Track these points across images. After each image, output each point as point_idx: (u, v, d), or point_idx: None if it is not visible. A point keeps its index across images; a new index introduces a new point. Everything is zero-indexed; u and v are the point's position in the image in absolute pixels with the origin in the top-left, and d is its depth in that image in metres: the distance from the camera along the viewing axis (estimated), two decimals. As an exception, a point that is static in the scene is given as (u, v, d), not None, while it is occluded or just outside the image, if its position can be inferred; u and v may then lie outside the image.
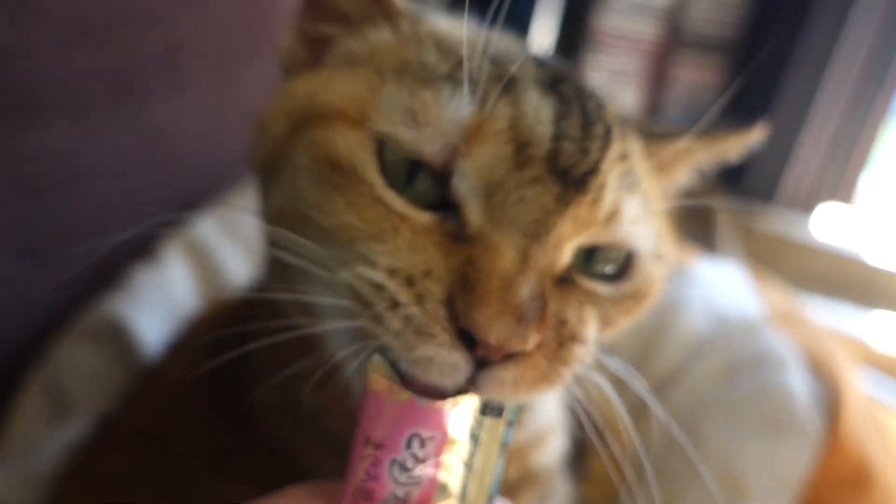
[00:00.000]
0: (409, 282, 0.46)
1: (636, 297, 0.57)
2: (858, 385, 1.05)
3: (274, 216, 0.56)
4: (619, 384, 1.04)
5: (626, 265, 0.56)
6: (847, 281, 2.53)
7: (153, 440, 0.79)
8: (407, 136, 0.50)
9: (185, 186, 1.32)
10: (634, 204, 0.54)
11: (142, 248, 1.25)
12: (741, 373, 1.01)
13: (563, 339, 0.49)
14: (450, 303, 0.45)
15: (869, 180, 2.71)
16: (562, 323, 0.49)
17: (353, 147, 0.51)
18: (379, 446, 0.43)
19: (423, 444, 0.43)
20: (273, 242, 0.57)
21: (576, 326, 0.50)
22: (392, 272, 0.46)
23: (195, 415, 0.79)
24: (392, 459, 0.43)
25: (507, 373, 0.45)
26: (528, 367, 0.46)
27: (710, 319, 1.10)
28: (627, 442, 1.01)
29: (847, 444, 0.94)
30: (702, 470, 0.91)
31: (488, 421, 0.45)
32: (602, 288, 0.54)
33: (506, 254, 0.46)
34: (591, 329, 0.52)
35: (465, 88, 0.50)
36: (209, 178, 1.36)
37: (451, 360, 0.44)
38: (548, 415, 0.77)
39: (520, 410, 0.71)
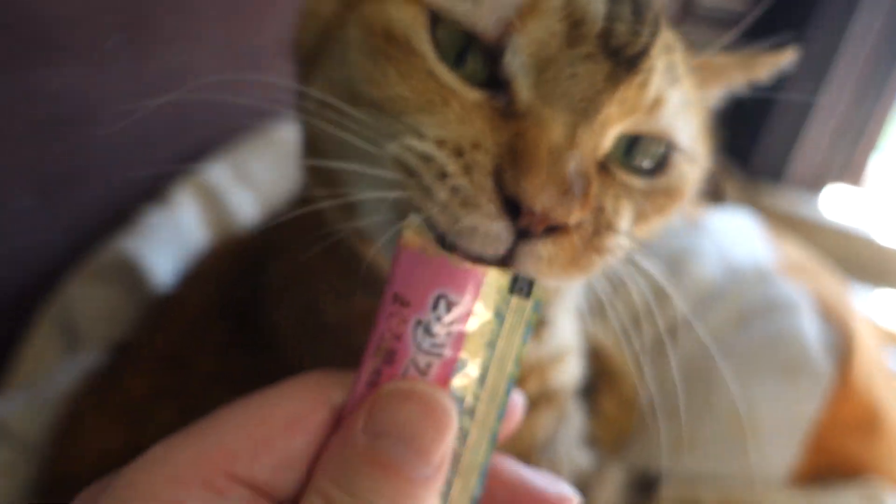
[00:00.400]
0: (458, 152, 0.46)
1: (670, 193, 0.57)
2: (871, 334, 1.04)
3: (317, 103, 0.55)
4: (636, 322, 1.05)
5: (663, 160, 0.56)
6: (855, 260, 2.53)
7: (175, 363, 0.80)
8: (462, 8, 0.50)
9: (197, 130, 1.32)
10: (678, 95, 0.54)
11: (154, 191, 1.25)
12: (754, 319, 1.01)
13: (599, 226, 0.48)
14: (497, 174, 0.44)
15: (879, 162, 2.71)
16: (600, 210, 0.49)
17: (408, 19, 0.51)
18: (406, 304, 0.42)
19: (449, 308, 0.42)
20: (314, 134, 0.57)
21: (612, 215, 0.50)
22: (441, 143, 0.46)
23: (216, 340, 0.80)
24: (417, 320, 0.42)
25: (544, 248, 0.45)
26: (565, 247, 0.46)
27: (722, 269, 1.10)
28: (640, 381, 1.02)
29: (858, 389, 0.94)
30: (708, 410, 0.90)
31: (515, 301, 0.44)
32: (637, 181, 0.54)
33: (555, 128, 0.46)
34: (625, 221, 0.52)
35: None
36: (222, 121, 1.35)
37: (494, 230, 0.44)
38: (567, 335, 0.77)
39: (542, 307, 0.71)
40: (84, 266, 1.11)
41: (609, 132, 0.50)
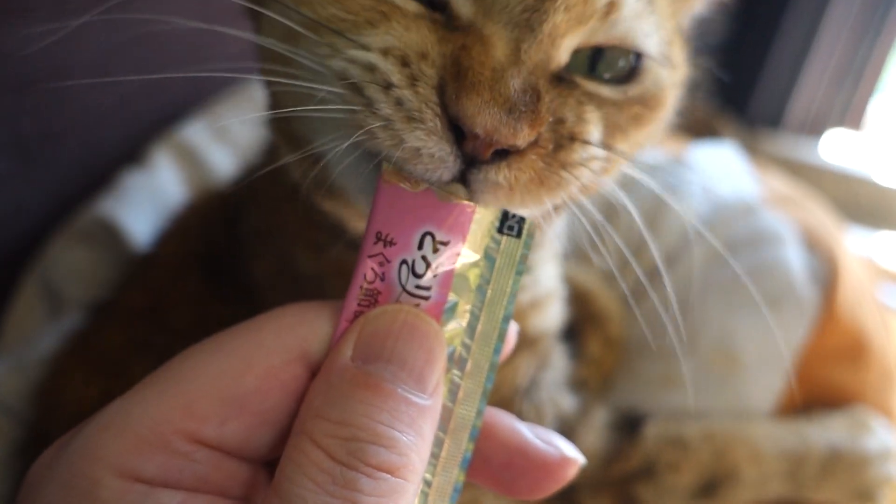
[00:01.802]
0: (404, 62, 0.43)
1: (646, 102, 0.54)
2: (858, 264, 1.03)
3: (268, 50, 0.53)
4: (621, 264, 1.04)
5: (633, 69, 0.53)
6: (856, 202, 2.51)
7: (151, 316, 0.80)
8: None
9: (175, 90, 1.30)
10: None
11: (132, 152, 1.24)
12: (738, 251, 1.00)
13: (560, 139, 0.46)
14: (441, 89, 0.42)
15: (879, 104, 2.67)
16: (559, 122, 0.46)
17: None
18: (390, 243, 0.40)
19: (435, 248, 0.40)
20: (270, 84, 0.54)
21: (575, 125, 0.47)
22: (386, 52, 0.44)
23: (192, 292, 0.80)
24: (402, 260, 0.40)
25: (499, 173, 0.43)
26: (523, 169, 0.44)
27: (708, 203, 1.08)
28: (618, 322, 1.02)
29: (843, 317, 0.93)
30: (692, 344, 0.90)
31: (505, 241, 0.42)
32: (606, 90, 0.51)
33: (498, 45, 0.44)
34: (593, 129, 0.49)
35: None
36: (200, 80, 1.33)
37: (438, 152, 0.42)
38: (546, 279, 0.76)
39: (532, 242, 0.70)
40: (64, 229, 1.11)
41: (561, 44, 0.47)
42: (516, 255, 0.42)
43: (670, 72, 0.57)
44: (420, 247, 0.40)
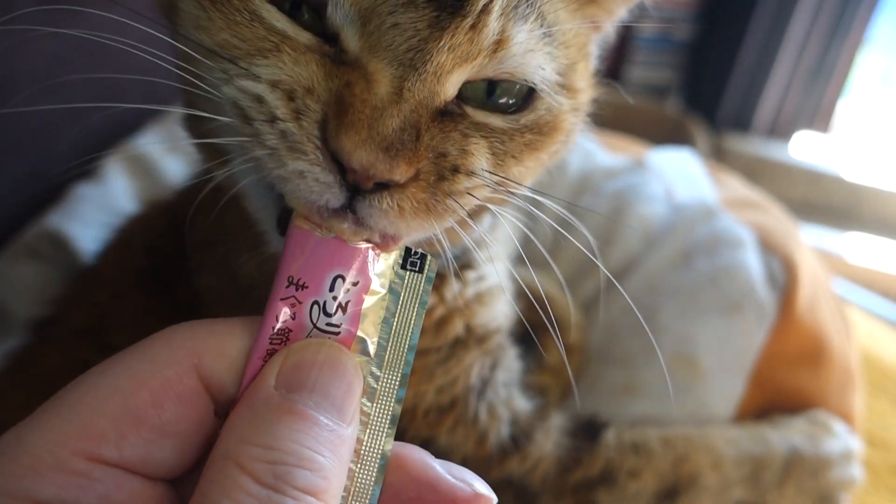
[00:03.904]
0: (290, 96, 0.45)
1: (540, 129, 0.55)
2: (816, 266, 1.03)
3: (180, 59, 0.53)
4: (573, 275, 1.02)
5: (528, 96, 0.54)
6: (826, 200, 2.53)
7: (92, 335, 0.78)
8: None
9: (127, 97, 1.27)
10: (527, 31, 0.51)
11: (84, 165, 1.21)
12: (697, 256, 0.99)
13: (443, 171, 0.48)
14: (324, 124, 0.44)
15: (846, 106, 2.70)
16: (441, 155, 0.48)
17: None
18: (302, 286, 0.42)
19: (345, 287, 0.43)
20: (182, 87, 0.54)
21: (458, 159, 0.49)
22: (274, 85, 0.46)
23: (134, 309, 0.78)
24: (314, 301, 0.42)
25: (382, 201, 0.45)
26: (406, 199, 0.46)
27: (668, 207, 1.08)
28: (578, 329, 1.01)
29: (801, 320, 0.93)
30: (656, 351, 0.89)
31: (408, 276, 0.45)
32: (497, 120, 0.53)
33: (381, 82, 0.45)
34: (477, 161, 0.51)
35: None
36: (153, 90, 1.31)
37: (323, 178, 0.44)
38: (494, 277, 0.76)
39: (462, 269, 0.70)
40: (12, 244, 1.08)
41: (447, 80, 0.48)
42: (419, 289, 0.45)
43: (569, 98, 0.58)
44: (331, 289, 0.43)
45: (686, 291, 0.97)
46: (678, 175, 1.14)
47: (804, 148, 2.71)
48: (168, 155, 1.23)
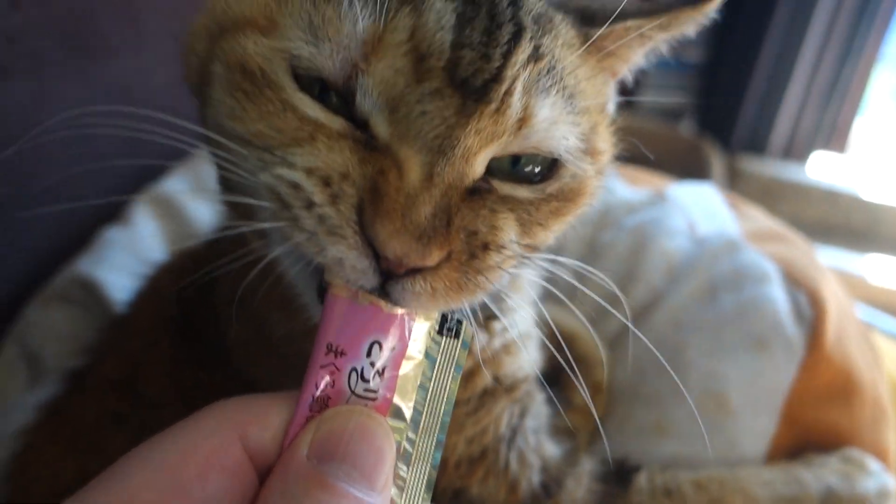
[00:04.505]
0: (326, 182, 0.46)
1: (565, 196, 0.57)
2: (843, 298, 1.02)
3: (211, 136, 0.55)
4: (598, 312, 1.02)
5: (552, 165, 0.55)
6: (846, 220, 2.51)
7: (124, 388, 0.79)
8: (306, 51, 0.50)
9: (152, 143, 1.29)
10: (550, 105, 0.53)
11: (112, 209, 1.23)
12: (723, 291, 0.99)
13: (474, 250, 0.49)
14: (360, 209, 0.45)
15: (862, 126, 2.68)
16: (471, 234, 0.49)
17: (264, 52, 0.51)
18: (341, 353, 0.43)
19: (382, 353, 0.44)
20: (215, 162, 0.56)
21: (487, 236, 0.50)
22: (310, 171, 0.47)
23: (165, 359, 0.79)
24: (352, 368, 0.43)
25: (415, 284, 0.46)
26: (438, 280, 0.47)
27: (690, 241, 1.07)
28: (604, 371, 1.00)
29: (831, 356, 0.92)
30: (683, 390, 0.88)
31: (445, 341, 0.46)
32: (523, 191, 0.54)
33: (411, 170, 0.46)
34: (506, 235, 0.52)
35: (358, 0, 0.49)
36: (177, 132, 1.33)
37: (359, 265, 0.45)
38: (520, 324, 0.76)
39: (488, 320, 0.70)
40: (43, 291, 1.09)
41: (475, 161, 0.49)
42: (455, 354, 0.46)
43: (592, 163, 0.59)
44: (368, 354, 0.43)
45: (712, 327, 0.96)
46: (699, 208, 1.14)
47: (821, 168, 2.69)
48: (195, 197, 1.25)
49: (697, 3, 0.63)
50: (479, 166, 0.50)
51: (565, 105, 0.54)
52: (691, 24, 0.64)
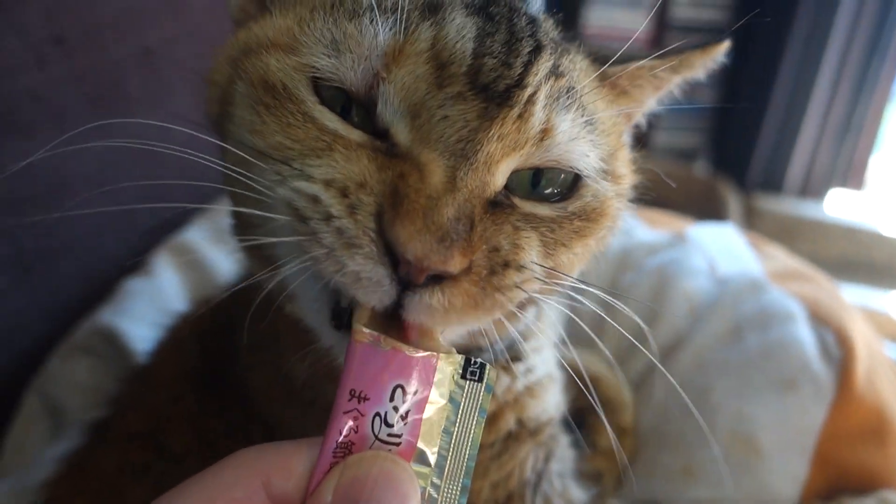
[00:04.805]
0: (344, 193, 0.46)
1: (587, 216, 0.56)
2: (870, 336, 1.00)
3: (230, 163, 0.56)
4: (622, 353, 1.01)
5: (573, 184, 0.55)
6: (865, 258, 2.48)
7: (146, 439, 0.78)
8: (327, 63, 0.51)
9: (173, 195, 1.31)
10: (570, 121, 0.53)
11: (133, 259, 1.24)
12: (748, 331, 0.97)
13: (494, 266, 0.48)
14: (379, 216, 0.45)
15: (879, 162, 2.67)
16: (494, 250, 0.48)
17: (286, 68, 0.52)
18: (364, 398, 0.43)
19: (406, 398, 0.43)
20: (230, 188, 0.56)
21: (510, 254, 0.49)
22: (328, 183, 0.47)
23: (188, 410, 0.79)
24: (375, 413, 0.43)
25: (433, 297, 0.45)
26: (457, 294, 0.46)
27: (712, 282, 1.06)
28: (629, 414, 0.99)
29: (861, 395, 0.90)
30: (709, 434, 0.87)
31: (468, 385, 0.45)
32: (545, 209, 0.54)
33: (434, 172, 0.46)
34: (528, 254, 0.51)
35: (380, 15, 0.51)
36: (197, 186, 1.35)
37: (376, 276, 0.44)
38: (543, 366, 0.75)
39: (510, 362, 0.70)
40: (65, 342, 1.10)
41: (497, 170, 0.49)
42: (479, 398, 0.45)
43: (613, 184, 0.59)
44: (391, 398, 0.43)
45: (738, 368, 0.95)
46: (720, 248, 1.13)
47: (839, 205, 2.67)
48: (214, 247, 1.26)
49: (707, 46, 0.65)
50: (500, 177, 0.50)
51: (584, 125, 0.55)
52: (701, 67, 0.66)
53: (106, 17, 1.18)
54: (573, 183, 0.55)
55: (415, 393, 0.43)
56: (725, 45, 0.65)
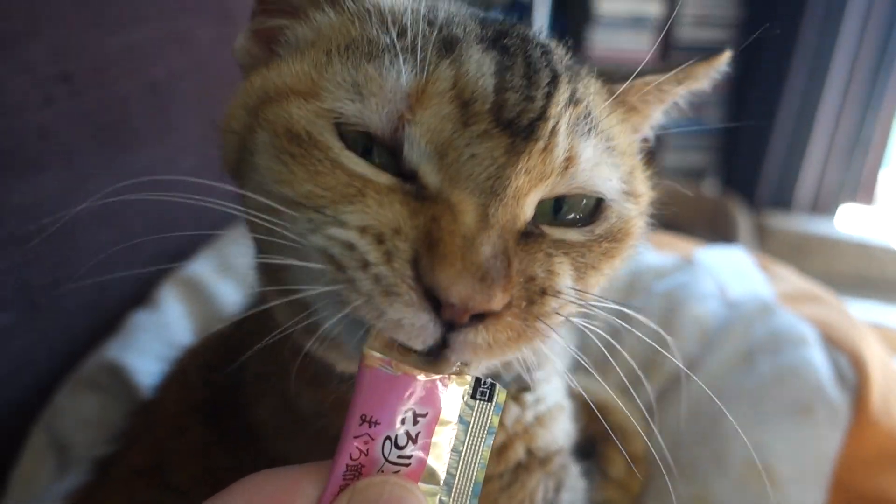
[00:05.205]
0: (380, 239, 0.46)
1: (614, 237, 0.57)
2: (885, 358, 0.99)
3: (252, 209, 0.55)
4: (634, 379, 1.00)
5: (596, 208, 0.56)
6: (877, 273, 2.46)
7: (152, 476, 0.78)
8: (352, 108, 0.50)
9: (179, 228, 1.32)
10: (592, 146, 0.54)
11: (139, 293, 1.24)
12: (759, 355, 0.96)
13: (532, 296, 0.48)
14: (416, 262, 0.44)
15: (889, 176, 2.66)
16: (530, 279, 0.48)
17: (309, 115, 0.52)
18: (374, 423, 0.42)
19: (416, 421, 0.43)
20: (255, 234, 0.56)
21: (545, 281, 0.49)
22: (363, 230, 0.46)
23: (194, 444, 0.78)
24: (386, 436, 0.43)
25: (477, 335, 0.45)
26: (501, 329, 0.46)
27: (722, 305, 1.05)
28: (641, 441, 0.97)
29: (878, 419, 0.89)
30: (726, 460, 0.85)
31: (478, 405, 0.45)
32: (573, 234, 0.54)
33: (466, 212, 0.46)
34: (563, 280, 0.51)
35: (400, 54, 0.51)
36: (203, 217, 1.35)
37: (419, 322, 0.44)
38: (552, 395, 0.74)
39: (519, 392, 0.69)
40: (71, 377, 1.10)
41: (525, 202, 0.50)
42: (488, 418, 0.45)
43: (634, 203, 0.59)
44: (402, 423, 0.43)
45: (751, 394, 0.93)
46: (729, 271, 1.12)
47: (850, 221, 2.65)
48: (221, 279, 1.26)
49: (709, 57, 0.65)
50: (528, 208, 0.50)
51: (604, 148, 0.55)
52: (705, 78, 0.66)
53: (112, 53, 1.19)
54: (595, 206, 0.56)
55: (425, 415, 0.43)
56: (728, 55, 0.65)
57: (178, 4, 1.34)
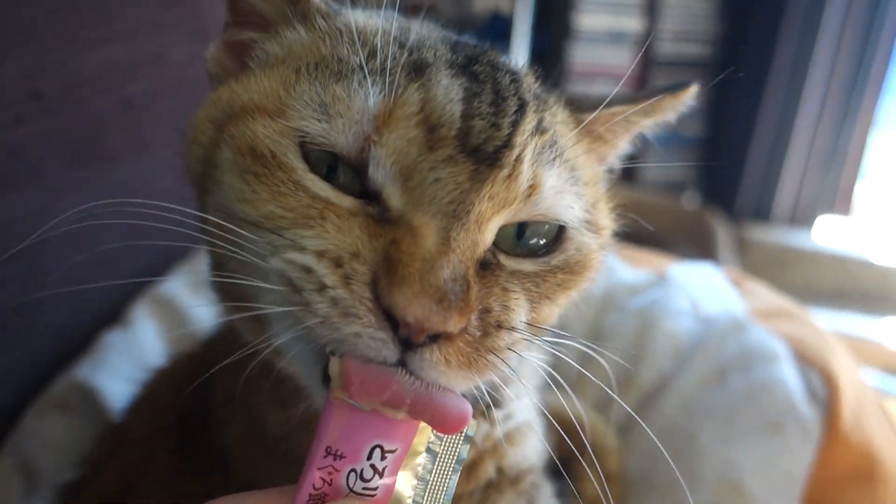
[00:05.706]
0: (337, 263, 0.46)
1: (571, 268, 0.57)
2: (856, 374, 0.99)
3: (212, 225, 0.55)
4: (606, 398, 1.00)
5: (557, 236, 0.56)
6: (857, 285, 2.48)
7: (123, 498, 0.77)
8: (318, 128, 0.51)
9: (154, 246, 1.31)
10: (556, 175, 0.54)
11: (111, 313, 1.23)
12: (731, 372, 0.96)
13: (487, 328, 0.48)
14: (375, 284, 0.45)
15: (865, 188, 2.69)
16: (485, 311, 0.49)
17: (274, 135, 0.52)
18: (340, 456, 0.42)
19: (384, 456, 0.43)
20: (214, 250, 0.56)
21: (500, 315, 0.50)
22: (321, 254, 0.47)
23: (163, 469, 0.77)
24: (351, 469, 0.43)
25: (432, 355, 0.45)
26: (452, 352, 0.46)
27: (695, 322, 1.06)
28: (616, 459, 0.97)
29: (848, 435, 0.89)
30: (695, 481, 0.85)
31: (447, 436, 0.45)
32: (529, 265, 0.54)
33: (427, 235, 0.47)
34: (518, 315, 0.52)
35: (368, 76, 0.51)
36: (179, 236, 1.34)
37: (377, 339, 0.44)
38: (521, 412, 0.74)
39: (488, 409, 0.69)
40: (40, 398, 1.08)
41: (486, 228, 0.50)
42: (457, 447, 0.45)
43: (596, 237, 0.60)
44: (369, 457, 0.43)
45: (723, 411, 0.94)
46: (702, 288, 1.12)
47: (828, 233, 2.68)
48: (193, 296, 1.25)
49: (676, 91, 0.66)
50: (489, 234, 0.51)
51: (568, 177, 0.55)
52: (671, 111, 0.67)
53: (85, 71, 1.18)
54: (557, 234, 0.56)
55: (394, 451, 0.43)
56: (694, 90, 0.66)
57: (153, 22, 1.34)
